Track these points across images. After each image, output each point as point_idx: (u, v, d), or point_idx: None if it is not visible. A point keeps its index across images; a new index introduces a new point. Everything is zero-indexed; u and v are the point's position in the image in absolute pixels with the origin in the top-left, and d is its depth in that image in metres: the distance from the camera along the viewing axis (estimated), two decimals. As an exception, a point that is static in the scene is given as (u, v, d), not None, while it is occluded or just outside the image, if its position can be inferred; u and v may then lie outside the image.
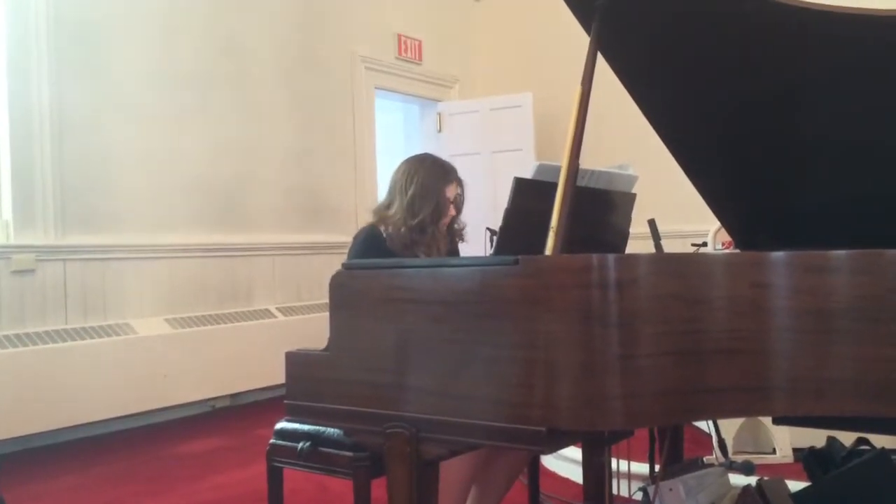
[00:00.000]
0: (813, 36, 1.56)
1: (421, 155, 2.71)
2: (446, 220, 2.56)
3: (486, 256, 1.88)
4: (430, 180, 2.52)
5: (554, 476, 3.39)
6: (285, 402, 1.70)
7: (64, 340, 4.17)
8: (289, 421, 2.25)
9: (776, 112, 1.81)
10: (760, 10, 1.52)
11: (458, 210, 2.63)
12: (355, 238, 2.59)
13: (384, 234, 2.52)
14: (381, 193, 2.75)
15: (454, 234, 2.67)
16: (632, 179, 2.27)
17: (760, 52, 1.67)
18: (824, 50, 1.59)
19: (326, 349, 1.65)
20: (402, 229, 2.49)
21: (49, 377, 4.01)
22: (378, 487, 1.93)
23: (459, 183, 2.60)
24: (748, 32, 1.62)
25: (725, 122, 1.90)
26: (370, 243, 2.51)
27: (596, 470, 2.22)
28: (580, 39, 1.70)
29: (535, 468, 2.72)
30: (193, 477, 3.58)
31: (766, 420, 3.21)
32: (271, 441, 2.33)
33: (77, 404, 4.13)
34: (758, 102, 1.81)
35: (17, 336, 4.03)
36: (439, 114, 7.00)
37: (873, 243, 1.39)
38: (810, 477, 2.43)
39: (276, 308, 5.40)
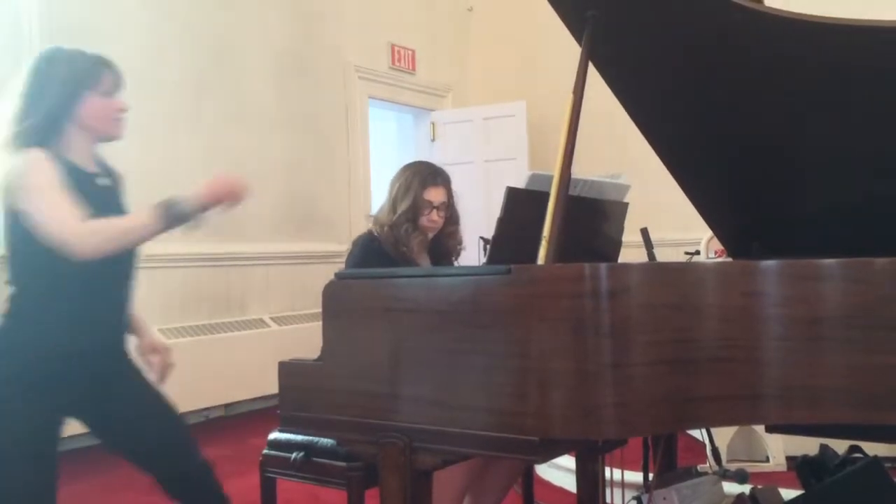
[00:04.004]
0: (804, 46, 1.57)
1: (418, 160, 2.73)
2: (426, 223, 2.56)
3: (479, 266, 1.89)
4: (413, 179, 2.55)
5: (548, 485, 3.38)
6: (279, 412, 1.70)
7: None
8: (282, 431, 2.25)
9: (768, 121, 1.82)
10: (750, 21, 1.53)
11: (451, 220, 2.64)
12: (354, 244, 2.61)
13: (378, 236, 2.54)
14: (375, 203, 2.77)
15: (450, 250, 2.67)
16: (624, 188, 2.28)
17: (751, 62, 1.68)
18: (815, 60, 1.60)
19: (320, 359, 1.65)
20: (386, 228, 2.52)
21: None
22: (372, 498, 1.92)
23: (448, 190, 2.61)
24: (739, 42, 1.63)
25: (717, 132, 1.91)
26: (368, 249, 2.54)
27: (590, 479, 2.22)
28: (573, 49, 1.70)
29: (528, 477, 2.72)
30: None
31: (760, 428, 3.22)
32: (265, 451, 2.32)
33: (69, 415, 4.11)
34: (750, 112, 1.82)
35: (10, 347, 4.01)
36: (433, 123, 7.01)
37: (864, 251, 1.40)
38: (804, 485, 2.43)
39: (270, 318, 5.39)
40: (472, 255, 2.89)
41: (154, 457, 2.06)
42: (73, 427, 4.14)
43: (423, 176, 2.56)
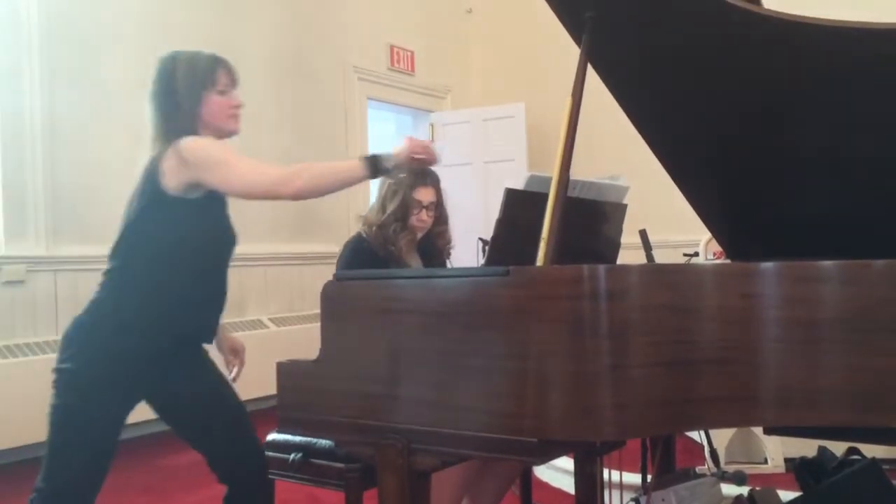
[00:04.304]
0: (802, 48, 1.57)
1: None
2: (415, 223, 2.57)
3: (477, 267, 1.89)
4: (402, 180, 2.56)
5: (546, 486, 3.38)
6: (277, 413, 1.70)
7: (55, 351, 4.10)
8: (280, 432, 2.25)
9: (766, 123, 1.82)
10: (749, 23, 1.53)
11: (441, 220, 2.65)
12: (344, 247, 2.63)
13: (367, 237, 2.56)
14: (374, 204, 2.77)
15: (440, 249, 2.68)
16: (623, 190, 2.28)
17: (749, 64, 1.68)
18: (814, 62, 1.60)
19: (318, 360, 1.65)
20: (374, 228, 2.53)
21: (40, 389, 3.96)
22: (370, 499, 1.92)
23: (437, 190, 2.62)
24: (737, 45, 1.63)
25: (715, 133, 1.91)
26: (356, 251, 2.56)
27: (588, 480, 2.22)
28: (571, 50, 1.71)
29: (527, 479, 2.72)
30: (186, 488, 3.56)
31: (758, 430, 3.22)
32: (263, 452, 2.32)
33: (68, 416, 4.11)
34: (748, 114, 1.82)
35: (8, 347, 4.01)
36: (432, 124, 7.01)
37: (863, 254, 1.40)
38: (802, 487, 2.43)
39: (269, 318, 5.38)
40: (470, 256, 2.89)
41: (215, 442, 2.11)
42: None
43: (411, 176, 2.57)
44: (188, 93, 2.06)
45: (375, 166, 1.96)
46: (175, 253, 2.00)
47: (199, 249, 2.05)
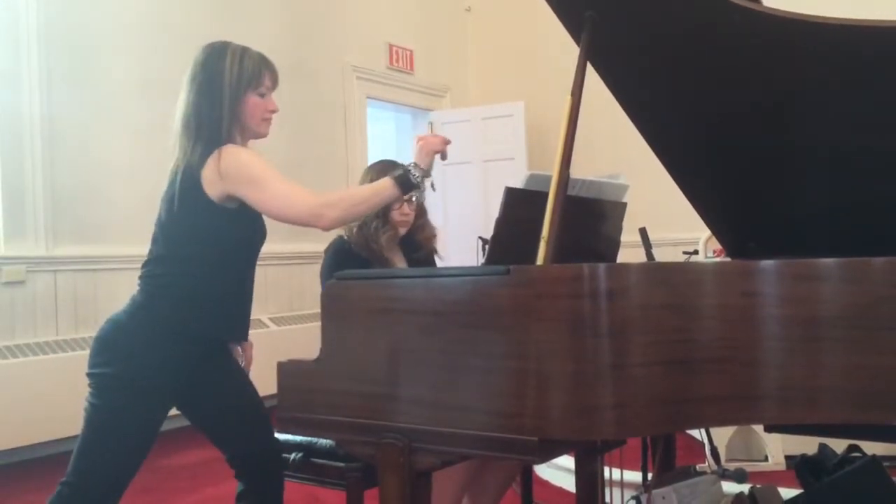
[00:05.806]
0: (803, 46, 1.57)
1: (381, 160, 2.74)
2: (398, 217, 2.56)
3: (477, 266, 1.89)
4: (377, 178, 2.55)
5: (547, 485, 3.38)
6: (278, 413, 1.70)
7: (55, 352, 4.15)
8: (281, 431, 2.25)
9: (766, 121, 1.82)
10: (749, 21, 1.53)
11: (420, 213, 2.64)
12: (325, 251, 2.63)
13: (348, 239, 2.56)
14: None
15: (422, 243, 2.67)
16: (623, 188, 2.28)
17: (750, 62, 1.68)
18: (813, 59, 1.60)
19: (319, 359, 1.65)
20: (354, 229, 2.53)
21: (40, 389, 3.99)
22: (371, 498, 1.92)
23: None
24: (737, 43, 1.63)
25: (715, 131, 1.91)
26: (339, 254, 2.56)
27: (589, 478, 2.22)
28: (571, 49, 1.70)
29: (527, 477, 2.72)
30: (187, 488, 3.57)
31: (759, 428, 3.22)
32: (263, 452, 2.31)
33: (69, 416, 4.09)
34: (748, 111, 1.82)
35: (8, 348, 4.01)
36: (431, 123, 7.01)
37: (863, 251, 1.40)
38: (802, 484, 2.44)
39: (269, 318, 5.38)
40: (470, 255, 2.89)
41: (232, 438, 2.12)
42: (62, 431, 4.12)
43: (386, 173, 2.57)
44: (232, 87, 2.04)
45: (407, 182, 1.98)
46: (218, 256, 2.00)
47: (238, 253, 2.07)
